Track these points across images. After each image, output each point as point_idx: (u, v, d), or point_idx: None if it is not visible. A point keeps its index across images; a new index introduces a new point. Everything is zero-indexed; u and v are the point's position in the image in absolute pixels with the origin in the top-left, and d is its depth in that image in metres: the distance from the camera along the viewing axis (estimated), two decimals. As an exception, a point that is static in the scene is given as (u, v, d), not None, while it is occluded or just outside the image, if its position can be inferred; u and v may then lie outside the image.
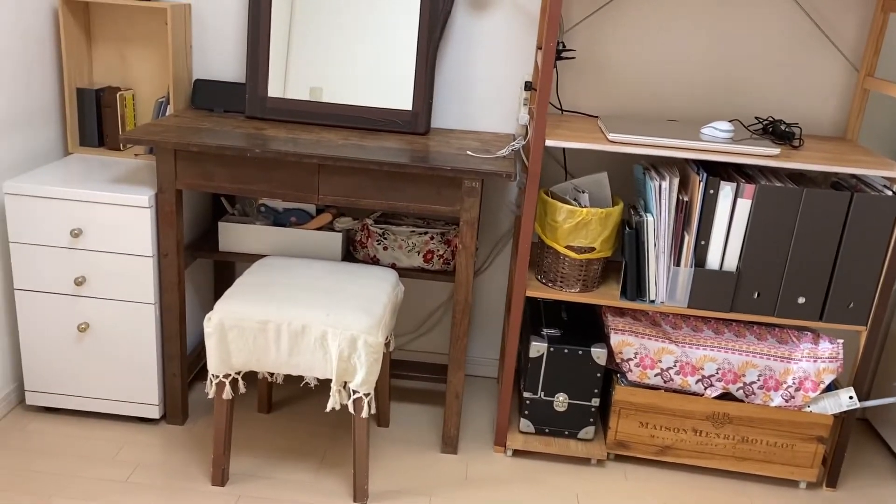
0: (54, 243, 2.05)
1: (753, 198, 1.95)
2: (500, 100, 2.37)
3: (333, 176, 1.99)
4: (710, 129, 2.02)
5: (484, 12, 2.29)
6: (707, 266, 2.03)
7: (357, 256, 2.29)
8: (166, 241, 2.05)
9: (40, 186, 2.01)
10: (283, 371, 1.88)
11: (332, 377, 1.85)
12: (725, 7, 2.21)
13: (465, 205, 1.98)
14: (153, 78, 2.38)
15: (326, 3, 2.21)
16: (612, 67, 2.29)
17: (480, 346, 2.64)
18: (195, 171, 2.00)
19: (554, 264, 2.07)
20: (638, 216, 2.02)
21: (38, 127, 2.24)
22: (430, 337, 2.64)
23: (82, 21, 2.31)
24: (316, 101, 2.26)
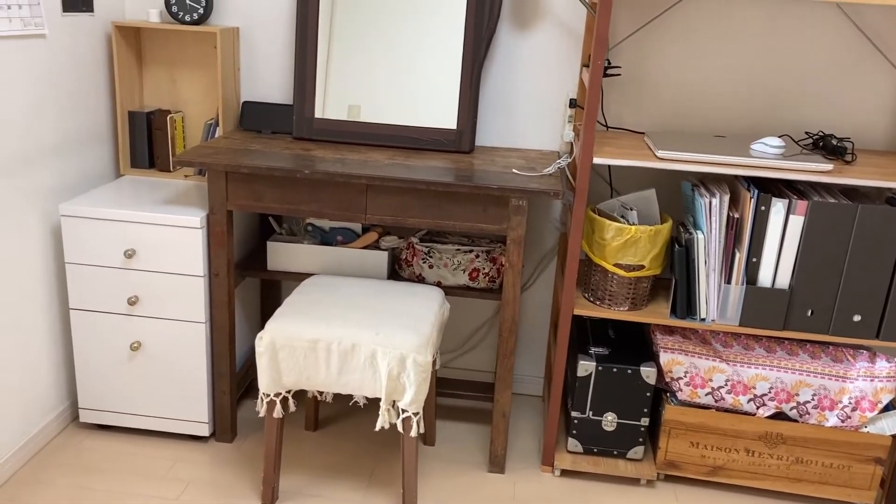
0: (108, 264, 2.09)
1: (806, 214, 1.92)
2: (543, 117, 2.37)
3: (381, 196, 2.00)
4: (760, 144, 1.99)
5: (528, 31, 2.30)
6: (759, 283, 2.00)
7: (402, 275, 2.30)
8: (217, 260, 2.08)
9: (95, 208, 2.06)
10: (332, 390, 1.89)
11: (382, 396, 1.86)
12: (773, 21, 2.19)
13: (512, 223, 1.98)
14: (202, 100, 2.43)
15: (372, 25, 2.24)
16: (657, 83, 2.28)
17: (524, 363, 2.63)
18: (245, 192, 2.03)
19: (602, 282, 2.06)
20: (687, 233, 2.00)
21: (92, 149, 2.30)
22: (475, 354, 2.64)
23: (134, 46, 2.36)
24: (362, 121, 2.28)
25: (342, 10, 2.24)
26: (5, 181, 1.93)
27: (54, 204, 2.13)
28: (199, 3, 2.27)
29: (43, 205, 2.09)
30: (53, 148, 2.11)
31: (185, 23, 2.28)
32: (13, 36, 1.90)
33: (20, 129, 1.97)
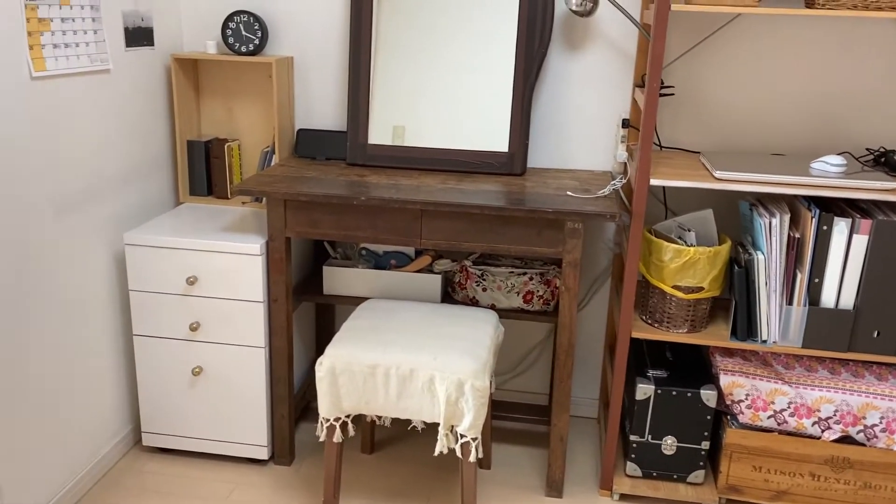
0: (171, 290, 2.14)
1: (870, 233, 1.88)
2: (595, 137, 2.37)
3: (435, 220, 2.02)
4: (820, 163, 1.96)
5: (579, 52, 2.30)
6: (822, 304, 1.96)
7: (456, 298, 2.31)
8: (276, 286, 2.12)
9: (157, 237, 2.11)
10: (391, 414, 1.90)
11: (440, 421, 1.86)
12: (828, 37, 2.16)
13: (568, 246, 1.98)
14: (257, 128, 2.48)
15: (423, 50, 2.27)
16: (710, 102, 2.26)
17: (578, 384, 2.61)
18: (303, 219, 2.07)
19: (660, 304, 2.04)
20: (747, 254, 1.97)
21: (152, 178, 2.36)
22: (529, 376, 2.63)
23: (192, 77, 2.43)
24: (414, 146, 2.30)
25: (394, 36, 2.27)
26: (74, 213, 2.00)
27: (118, 233, 2.20)
28: (254, 34, 2.32)
29: (108, 234, 2.15)
30: (117, 178, 2.18)
31: (241, 54, 2.34)
32: (81, 73, 1.97)
33: (89, 162, 2.04)
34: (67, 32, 1.90)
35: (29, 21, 1.76)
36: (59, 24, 1.87)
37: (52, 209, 1.92)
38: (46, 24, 1.82)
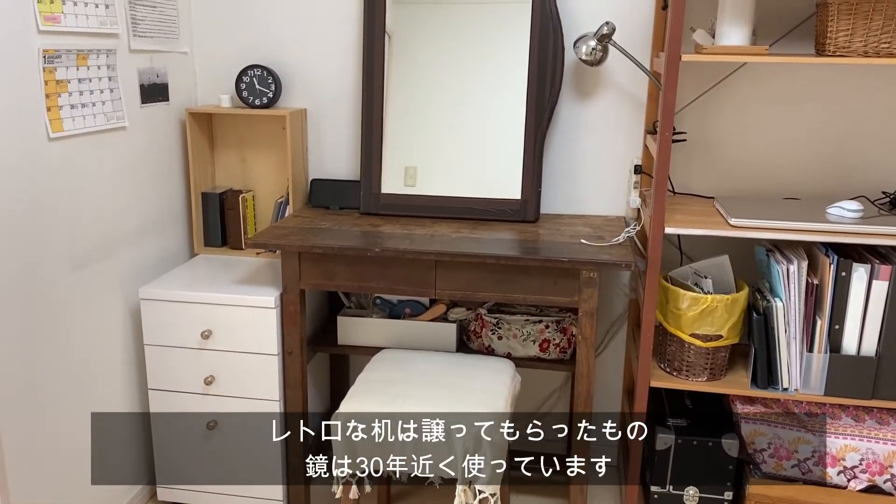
0: (186, 344, 2.14)
1: (891, 279, 1.86)
2: (607, 183, 2.37)
3: (450, 271, 2.01)
4: (836, 208, 1.95)
5: (590, 99, 2.31)
6: (843, 351, 1.93)
7: (472, 346, 2.30)
8: (290, 339, 2.11)
9: (173, 291, 2.11)
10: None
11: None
12: (839, 80, 2.16)
13: (584, 295, 1.96)
14: (271, 178, 2.50)
15: (435, 100, 2.28)
16: (723, 146, 2.26)
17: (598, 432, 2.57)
18: (318, 271, 2.07)
19: (678, 352, 2.01)
20: (765, 301, 1.95)
21: (168, 231, 2.37)
22: (547, 423, 2.59)
23: (206, 130, 2.45)
24: (427, 194, 2.31)
25: (406, 86, 2.29)
26: (90, 268, 2.01)
27: (134, 287, 2.20)
28: (268, 88, 2.35)
29: (123, 288, 2.16)
30: (133, 232, 2.19)
31: (255, 107, 2.37)
32: (97, 131, 2.00)
33: (105, 218, 2.05)
34: (84, 92, 1.92)
35: (47, 83, 1.79)
36: (77, 85, 1.89)
37: (69, 265, 1.93)
38: (64, 86, 1.85)
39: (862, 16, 1.82)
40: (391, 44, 2.29)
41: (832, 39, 1.85)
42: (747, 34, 1.91)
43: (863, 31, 1.83)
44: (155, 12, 2.22)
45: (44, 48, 1.77)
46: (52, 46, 1.80)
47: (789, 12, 2.13)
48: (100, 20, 1.97)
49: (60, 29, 1.82)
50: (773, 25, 2.15)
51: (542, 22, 2.19)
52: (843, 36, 1.84)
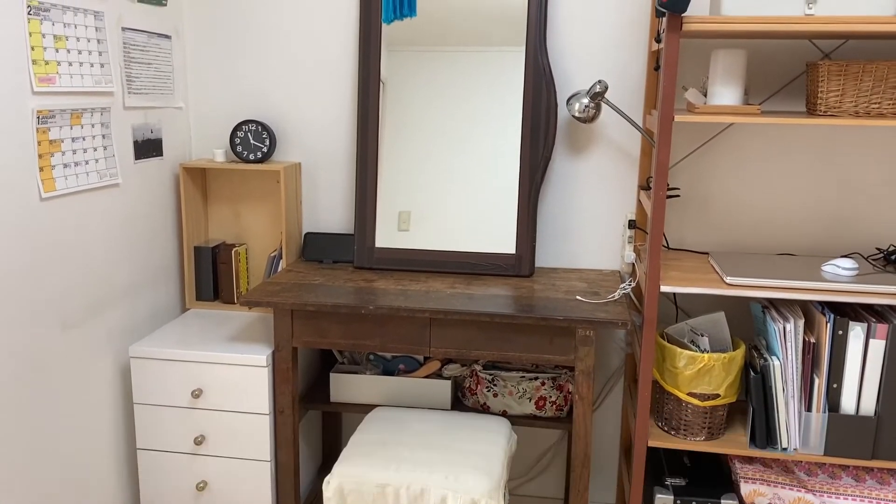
0: (176, 403, 2.10)
1: (888, 338, 1.85)
2: (601, 237, 2.36)
3: (445, 328, 1.99)
4: (831, 266, 1.94)
5: (583, 155, 2.32)
6: (842, 410, 1.91)
7: (467, 403, 2.27)
8: (282, 397, 2.08)
9: (163, 349, 2.09)
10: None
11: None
12: (832, 137, 2.18)
13: (580, 354, 1.94)
14: (265, 231, 2.49)
15: (430, 156, 2.29)
16: (716, 201, 2.27)
17: (595, 489, 2.53)
18: (311, 329, 2.04)
19: (676, 411, 1.99)
20: (762, 359, 1.93)
21: (160, 286, 2.35)
22: (543, 480, 2.55)
23: (200, 184, 2.45)
24: (421, 248, 2.30)
25: (400, 142, 2.30)
26: (81, 327, 1.98)
27: (124, 344, 2.17)
28: (262, 142, 2.35)
29: (114, 346, 2.13)
30: (125, 289, 2.17)
31: (249, 161, 2.37)
32: (90, 189, 1.99)
33: (96, 275, 2.03)
34: (78, 151, 1.92)
35: (40, 144, 1.79)
36: (70, 144, 1.89)
37: (59, 324, 1.90)
38: (57, 146, 1.84)
39: (852, 77, 1.84)
40: (385, 91, 2.30)
41: (823, 99, 1.87)
42: (739, 93, 1.93)
43: (853, 92, 1.85)
44: (150, 69, 2.23)
45: (38, 109, 1.77)
46: (46, 107, 1.80)
47: (780, 70, 2.16)
48: (95, 79, 1.97)
49: (55, 89, 1.83)
50: (764, 82, 2.17)
51: (535, 79, 2.21)
52: (833, 96, 1.86)
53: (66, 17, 1.85)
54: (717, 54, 1.92)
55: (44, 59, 1.78)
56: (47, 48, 1.79)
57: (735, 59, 1.91)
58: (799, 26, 1.73)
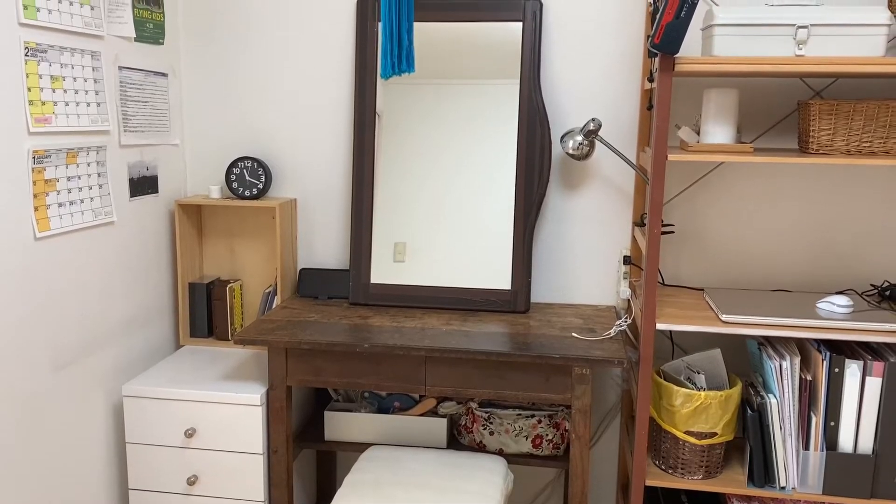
0: (169, 443, 2.08)
1: (884, 376, 1.85)
2: (596, 273, 2.36)
3: (440, 367, 1.98)
4: (826, 303, 1.95)
5: (577, 192, 2.33)
6: (839, 448, 1.90)
7: (463, 442, 2.25)
8: (276, 437, 2.06)
9: (157, 388, 2.07)
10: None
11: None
12: (826, 174, 2.19)
13: (577, 392, 1.93)
14: (259, 267, 2.48)
15: (424, 193, 2.29)
16: (710, 237, 2.27)
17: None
18: (305, 368, 2.03)
19: (673, 450, 1.98)
20: (759, 397, 1.93)
21: (154, 323, 2.34)
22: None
23: (195, 220, 2.45)
24: (417, 284, 2.30)
25: (395, 178, 2.31)
26: (73, 366, 1.96)
27: (117, 382, 2.16)
28: (258, 179, 2.36)
29: (106, 384, 2.11)
30: (118, 327, 2.16)
31: (244, 198, 2.37)
32: (85, 227, 1.98)
33: (90, 314, 2.02)
34: (73, 190, 1.92)
35: (35, 183, 1.79)
36: (65, 183, 1.89)
37: (51, 364, 1.89)
38: (52, 185, 1.84)
39: (843, 116, 1.86)
40: (381, 124, 2.31)
41: (815, 138, 1.89)
42: (732, 132, 1.95)
43: (844, 131, 1.87)
44: (146, 107, 2.24)
45: (34, 149, 1.78)
46: (41, 147, 1.80)
47: (772, 107, 2.18)
48: (91, 118, 1.98)
49: (51, 129, 1.83)
50: (756, 119, 2.19)
51: (530, 116, 2.23)
52: (825, 135, 1.88)
53: (63, 57, 1.87)
54: (710, 93, 1.94)
55: (40, 99, 1.79)
56: (44, 89, 1.80)
57: (727, 99, 1.93)
58: (789, 67, 1.76)
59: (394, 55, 1.28)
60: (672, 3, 1.67)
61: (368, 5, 2.30)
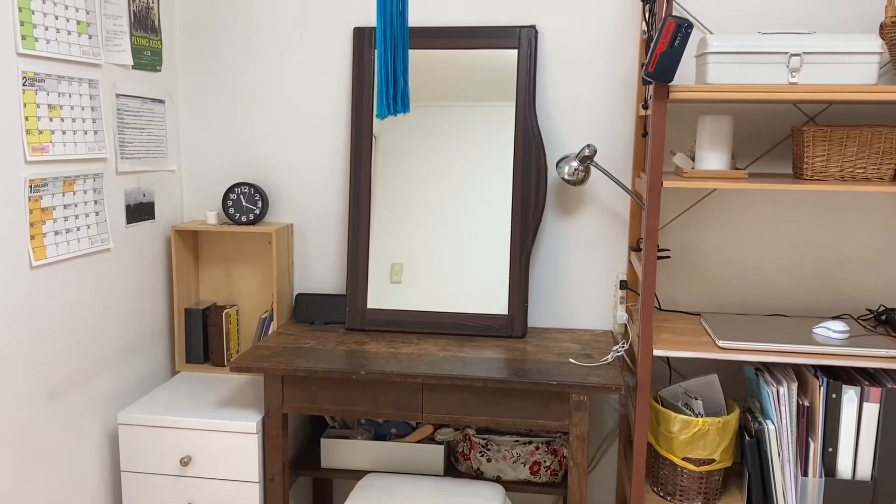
0: (164, 471, 2.06)
1: (881, 401, 1.84)
2: (593, 297, 2.37)
3: (437, 394, 1.98)
4: (822, 329, 1.95)
5: (573, 217, 2.34)
6: (838, 475, 1.89)
7: (460, 469, 2.23)
8: (272, 465, 2.05)
9: (152, 416, 2.06)
10: None
11: None
12: (821, 199, 2.20)
13: (574, 419, 1.93)
14: (256, 292, 2.48)
15: (423, 218, 2.30)
16: (707, 261, 2.28)
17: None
18: (301, 395, 2.02)
19: (671, 476, 1.97)
20: (757, 423, 1.92)
21: (149, 350, 2.33)
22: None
23: (192, 246, 2.45)
24: (413, 309, 2.29)
25: (392, 204, 2.31)
26: (69, 395, 1.95)
27: (112, 410, 2.14)
28: (255, 205, 2.36)
29: (102, 412, 2.10)
30: (114, 354, 2.15)
31: (241, 223, 2.37)
32: (82, 255, 1.98)
33: (85, 342, 2.01)
34: (70, 218, 1.92)
35: (32, 212, 1.79)
36: (62, 211, 1.89)
37: (46, 393, 1.88)
38: (49, 213, 1.84)
39: (837, 143, 1.87)
40: (377, 146, 2.32)
41: (809, 164, 1.90)
42: (726, 158, 1.96)
43: (838, 157, 1.88)
44: (143, 134, 2.24)
45: (30, 178, 1.78)
46: (38, 176, 1.80)
47: (766, 133, 2.20)
48: (88, 146, 1.98)
49: (48, 158, 1.84)
50: (751, 145, 2.21)
51: (525, 141, 2.24)
52: (819, 161, 1.89)
53: (61, 86, 1.87)
54: (704, 120, 1.95)
55: (38, 128, 1.80)
56: (41, 118, 1.81)
57: (721, 125, 1.94)
58: (783, 94, 1.77)
59: (389, 96, 1.29)
60: (666, 32, 1.68)
61: (365, 32, 2.32)
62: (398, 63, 1.23)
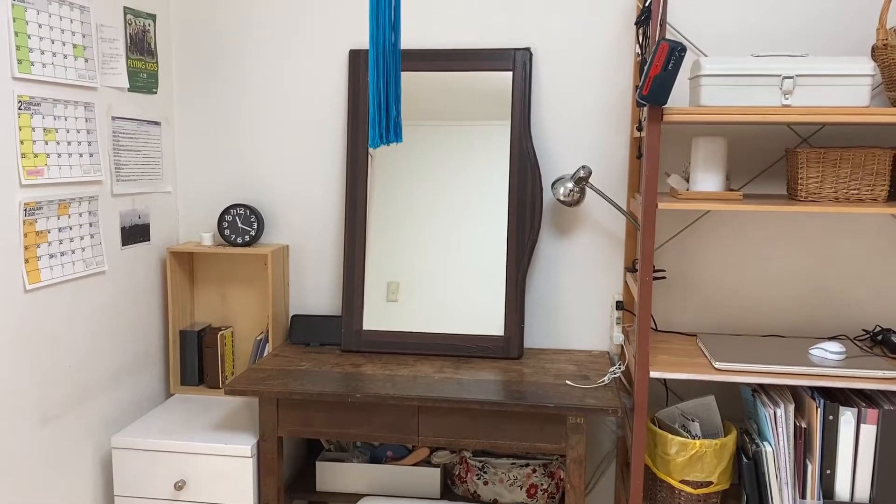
0: (158, 496, 2.05)
1: (878, 423, 1.84)
2: (589, 318, 2.36)
3: (433, 416, 1.97)
4: (819, 350, 1.94)
5: (569, 237, 2.34)
6: (836, 497, 1.88)
7: (456, 492, 2.22)
8: (267, 489, 2.03)
9: (146, 440, 2.04)
10: None
11: None
12: (816, 220, 2.21)
13: (571, 442, 1.92)
14: (251, 314, 2.47)
15: (418, 239, 2.30)
16: (702, 282, 2.28)
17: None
18: (296, 418, 2.01)
19: (669, 499, 1.96)
20: (754, 444, 1.91)
21: (144, 372, 2.32)
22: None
23: (187, 267, 2.44)
24: (409, 331, 2.29)
25: (387, 225, 2.31)
26: (62, 418, 1.94)
27: (106, 434, 2.13)
28: (250, 226, 2.36)
29: (95, 436, 2.08)
30: (108, 376, 2.13)
31: (236, 245, 2.37)
32: (76, 278, 1.97)
33: (79, 365, 2.00)
34: (64, 241, 1.92)
35: (26, 236, 1.78)
36: (57, 234, 1.89)
37: (39, 416, 1.86)
38: (44, 236, 1.84)
39: (830, 164, 1.88)
40: (373, 165, 2.32)
41: (803, 185, 1.90)
42: (720, 179, 1.96)
43: (832, 178, 1.89)
44: (139, 156, 2.25)
45: (25, 201, 1.77)
46: (33, 199, 1.80)
47: (760, 154, 2.21)
48: (83, 169, 1.98)
49: (43, 181, 1.83)
50: (745, 165, 2.22)
51: (521, 162, 2.24)
52: (813, 182, 1.90)
53: (56, 110, 1.88)
54: (698, 142, 1.96)
55: (33, 151, 1.80)
56: (37, 141, 1.81)
57: (715, 146, 1.95)
58: (776, 116, 1.78)
59: (381, 126, 1.29)
60: (660, 56, 1.69)
61: (361, 54, 2.33)
62: (390, 92, 1.23)
